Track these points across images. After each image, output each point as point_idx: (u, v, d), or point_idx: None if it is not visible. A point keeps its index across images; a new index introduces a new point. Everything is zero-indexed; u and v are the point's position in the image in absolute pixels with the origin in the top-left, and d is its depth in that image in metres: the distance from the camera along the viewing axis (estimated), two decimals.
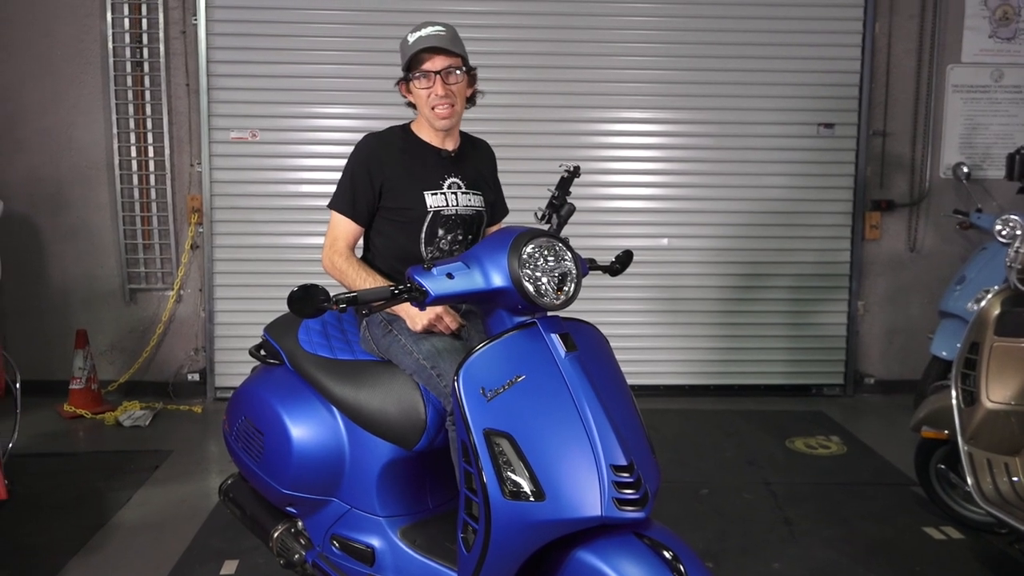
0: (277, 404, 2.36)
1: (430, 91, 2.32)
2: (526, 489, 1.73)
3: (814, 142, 5.18)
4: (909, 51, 5.22)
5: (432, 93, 2.32)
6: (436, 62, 2.31)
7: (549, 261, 1.92)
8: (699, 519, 3.42)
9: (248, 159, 4.98)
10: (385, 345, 2.29)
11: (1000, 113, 5.30)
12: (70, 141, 4.97)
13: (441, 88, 2.31)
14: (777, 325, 5.30)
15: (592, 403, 1.79)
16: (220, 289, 5.06)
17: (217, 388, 5.10)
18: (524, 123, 4.96)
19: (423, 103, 2.36)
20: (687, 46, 5.05)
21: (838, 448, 4.34)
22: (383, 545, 2.25)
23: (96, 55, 4.92)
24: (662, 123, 5.12)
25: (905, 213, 5.33)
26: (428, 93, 2.33)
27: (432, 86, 2.32)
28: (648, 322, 5.23)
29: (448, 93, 2.32)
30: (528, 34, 4.97)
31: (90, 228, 5.04)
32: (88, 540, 3.18)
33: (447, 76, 2.32)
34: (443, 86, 2.32)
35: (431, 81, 2.32)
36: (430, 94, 2.33)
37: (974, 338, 2.97)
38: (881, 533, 3.32)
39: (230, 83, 4.93)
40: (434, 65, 2.31)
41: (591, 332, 1.99)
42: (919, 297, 5.34)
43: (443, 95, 2.32)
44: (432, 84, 2.32)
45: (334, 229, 2.41)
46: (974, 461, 2.93)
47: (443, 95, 2.32)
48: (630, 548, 1.70)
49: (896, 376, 5.36)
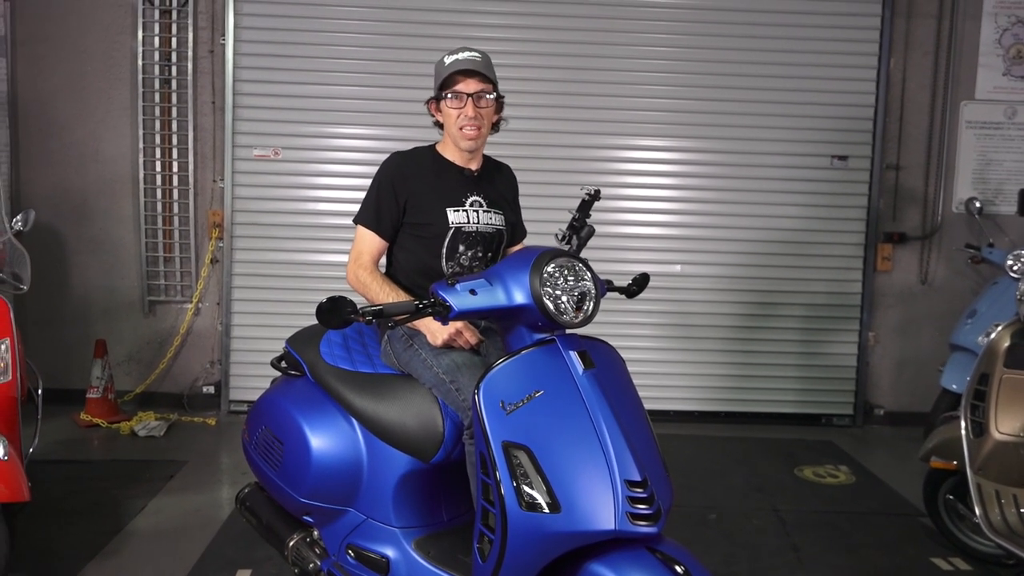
0: (297, 414, 2.42)
1: (461, 112, 2.41)
2: (542, 501, 1.77)
3: (828, 173, 5.24)
4: (923, 86, 5.29)
5: (462, 114, 2.41)
6: (470, 85, 2.40)
7: (569, 280, 1.97)
8: (708, 543, 3.44)
9: (270, 176, 5.08)
10: (406, 359, 2.34)
11: (1013, 150, 5.35)
12: (96, 154, 5.09)
13: (471, 110, 2.40)
14: (788, 354, 5.33)
15: (608, 419, 1.83)
16: (237, 303, 5.14)
17: (232, 401, 5.16)
18: (545, 148, 5.05)
19: (452, 122, 2.44)
20: (705, 76, 5.14)
21: (847, 478, 4.35)
22: (397, 555, 2.29)
23: (126, 71, 5.04)
24: (678, 151, 5.20)
25: (917, 246, 5.37)
26: (458, 113, 2.42)
27: (463, 107, 2.41)
28: (660, 347, 5.27)
29: (477, 115, 2.41)
30: (549, 61, 5.07)
31: (113, 240, 5.14)
32: (104, 546, 3.23)
33: (478, 99, 2.42)
34: (473, 108, 2.41)
35: (462, 102, 2.41)
36: (460, 114, 2.41)
37: (984, 369, 3.00)
38: (889, 563, 3.33)
39: (255, 102, 5.04)
40: (468, 87, 2.40)
41: (608, 351, 2.04)
42: (930, 330, 5.36)
43: (472, 116, 2.41)
44: (463, 105, 2.41)
45: (359, 243, 2.48)
46: (983, 492, 2.95)
47: (472, 116, 2.41)
48: (643, 562, 1.73)
49: (906, 408, 5.37)
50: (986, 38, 5.28)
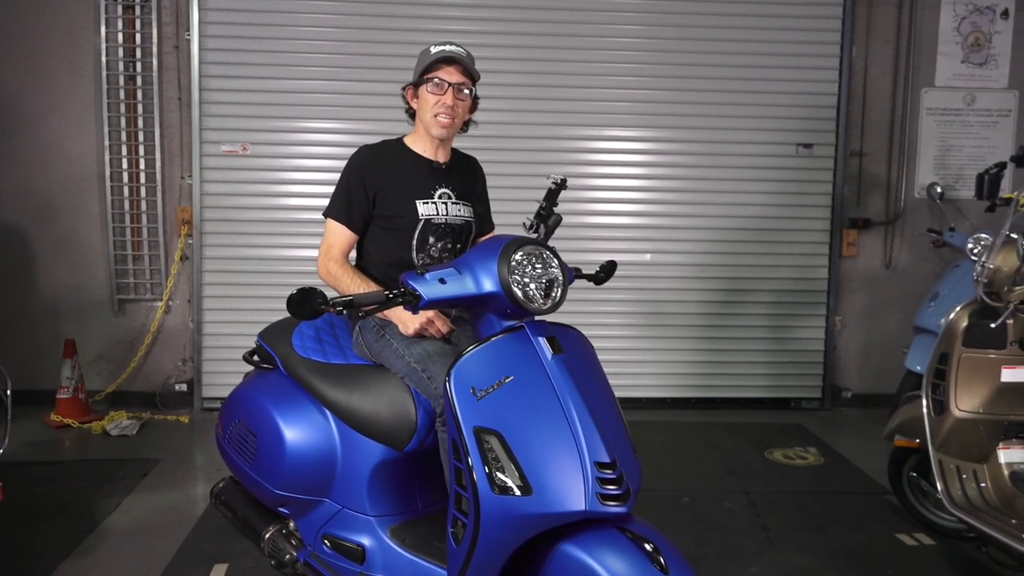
0: (271, 407, 2.43)
1: (439, 99, 2.46)
2: (514, 484, 1.80)
3: (793, 161, 5.32)
4: (885, 74, 5.39)
5: (441, 101, 2.45)
6: (453, 75, 2.45)
7: (537, 268, 2.00)
8: (680, 526, 3.50)
9: (238, 172, 5.05)
10: (378, 349, 2.36)
11: (972, 136, 5.47)
12: (62, 152, 5.03)
13: (451, 99, 2.45)
14: (757, 340, 5.42)
15: (577, 403, 1.87)
16: (208, 300, 5.11)
17: (204, 399, 5.14)
18: (513, 139, 5.07)
19: (428, 109, 2.47)
20: (671, 67, 5.19)
21: (815, 459, 4.44)
22: (373, 544, 2.31)
23: (90, 68, 4.99)
24: (646, 141, 5.25)
25: (881, 231, 5.48)
26: (437, 100, 2.46)
27: (443, 95, 2.45)
28: (632, 336, 5.33)
29: (454, 105, 2.46)
30: (517, 53, 5.08)
31: (80, 239, 5.09)
32: (79, 544, 3.22)
33: (458, 91, 2.46)
34: (452, 97, 2.45)
35: (443, 90, 2.45)
36: (438, 102, 2.46)
37: (944, 349, 3.08)
38: (855, 540, 3.41)
39: (222, 97, 5.01)
40: (450, 77, 2.45)
41: (576, 336, 2.08)
42: (895, 313, 5.47)
43: (450, 106, 2.45)
44: (444, 93, 2.45)
45: (329, 236, 2.49)
46: (944, 468, 3.03)
47: (450, 106, 2.45)
48: (613, 541, 1.77)
49: (872, 390, 5.48)
50: (945, 26, 5.38)
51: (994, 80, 5.42)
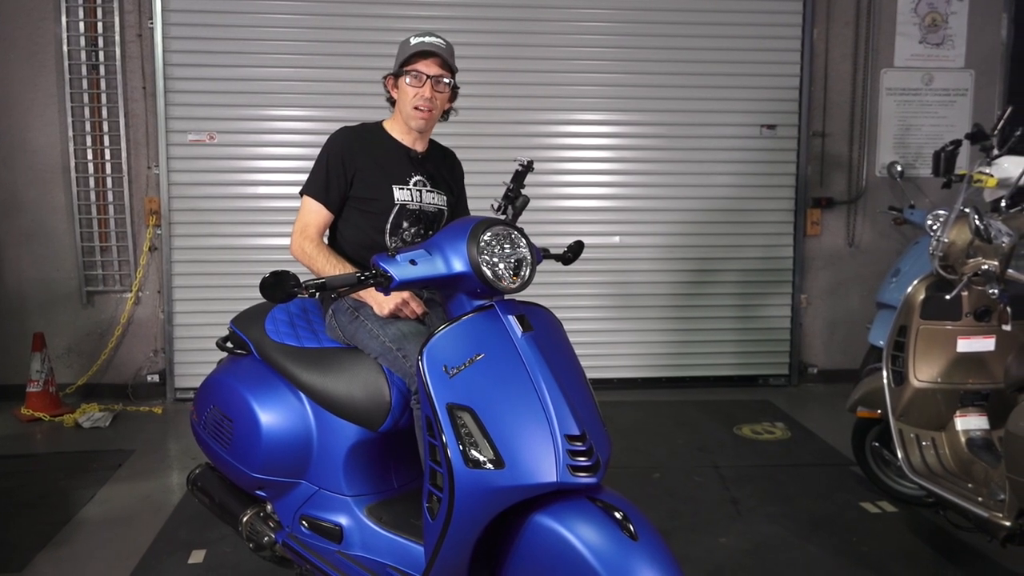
0: (246, 391, 2.45)
1: (418, 92, 2.48)
2: (487, 458, 1.85)
3: (757, 142, 5.41)
4: (845, 56, 5.49)
5: (419, 94, 2.48)
6: (431, 67, 2.48)
7: (506, 248, 2.04)
8: (652, 500, 3.58)
9: (206, 161, 5.03)
10: (352, 331, 2.39)
11: (930, 115, 5.59)
12: (24, 144, 4.97)
13: (428, 91, 2.48)
14: (725, 319, 5.52)
15: (547, 378, 1.91)
16: (179, 290, 5.09)
17: (177, 389, 5.13)
18: (482, 124, 5.08)
19: (407, 100, 2.50)
20: (636, 51, 5.25)
21: (782, 433, 4.55)
22: (351, 523, 2.35)
23: (51, 58, 4.93)
24: (613, 124, 5.31)
25: (844, 210, 5.59)
26: (415, 93, 2.49)
27: (421, 87, 2.48)
28: (602, 317, 5.40)
29: (432, 97, 2.49)
30: (483, 39, 5.10)
31: (46, 231, 5.04)
32: (54, 535, 3.22)
33: (436, 83, 2.49)
34: (431, 90, 2.48)
35: (421, 82, 2.48)
36: (417, 94, 2.49)
37: (903, 322, 3.17)
38: (821, 509, 3.52)
39: (187, 86, 4.97)
40: (429, 69, 2.48)
41: (545, 314, 2.12)
42: (858, 290, 5.60)
43: (428, 98, 2.49)
44: (421, 86, 2.47)
45: (305, 215, 2.52)
46: (904, 437, 3.13)
47: (428, 98, 2.49)
48: (584, 510, 1.82)
49: (838, 366, 5.61)
50: (903, 7, 5.49)
51: (951, 60, 5.54)
